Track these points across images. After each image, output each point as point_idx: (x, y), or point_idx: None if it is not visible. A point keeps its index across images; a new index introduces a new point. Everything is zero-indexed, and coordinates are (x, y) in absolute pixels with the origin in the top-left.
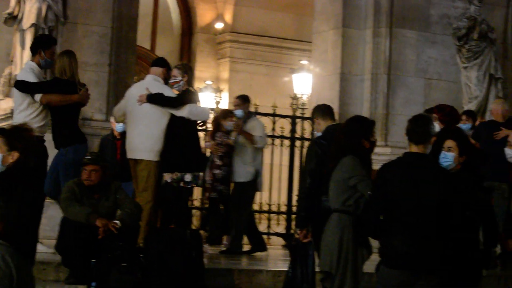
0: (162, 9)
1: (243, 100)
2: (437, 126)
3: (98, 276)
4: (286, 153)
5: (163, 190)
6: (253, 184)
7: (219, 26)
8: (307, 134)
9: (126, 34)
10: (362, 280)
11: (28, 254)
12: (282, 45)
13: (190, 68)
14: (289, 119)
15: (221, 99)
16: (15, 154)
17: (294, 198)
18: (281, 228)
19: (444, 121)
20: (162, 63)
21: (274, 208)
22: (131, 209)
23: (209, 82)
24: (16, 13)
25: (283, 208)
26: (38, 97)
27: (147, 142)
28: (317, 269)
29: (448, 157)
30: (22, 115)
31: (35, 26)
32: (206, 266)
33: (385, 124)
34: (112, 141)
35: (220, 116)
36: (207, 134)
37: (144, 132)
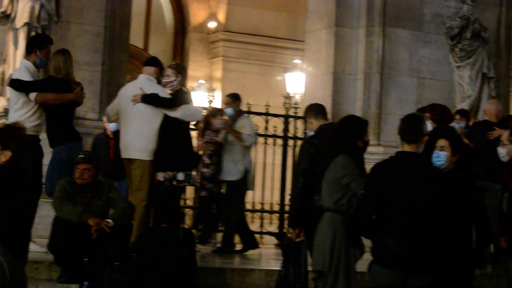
0: (155, 8)
1: (234, 98)
2: (429, 125)
3: (91, 275)
4: (279, 152)
5: (156, 189)
6: (242, 182)
7: (212, 25)
8: (300, 133)
9: (119, 33)
10: (355, 279)
11: (20, 253)
12: (275, 44)
13: (183, 68)
14: (282, 118)
15: (214, 98)
16: (8, 153)
17: (287, 197)
18: (274, 227)
19: (436, 120)
20: (154, 63)
21: (267, 207)
22: (124, 208)
23: (202, 81)
24: (9, 12)
25: (276, 207)
26: (32, 96)
27: (141, 142)
28: (309, 268)
29: (441, 156)
30: (17, 114)
31: (28, 25)
32: (198, 265)
33: (378, 123)
34: (105, 140)
35: (209, 114)
36: (199, 133)
37: (138, 131)
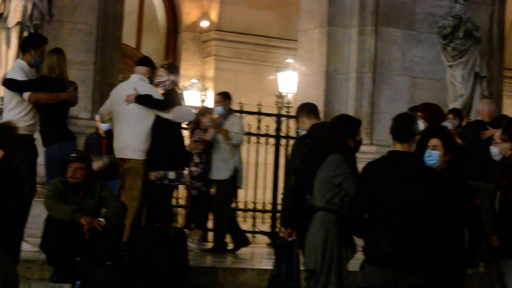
0: (147, 7)
1: (224, 97)
2: (421, 125)
3: (83, 274)
4: (271, 151)
5: (148, 189)
6: (232, 181)
7: (205, 24)
8: (292, 133)
9: (112, 32)
10: (347, 278)
11: (12, 253)
12: (267, 43)
13: (176, 67)
14: (274, 118)
15: (206, 98)
16: (0, 152)
17: (279, 196)
18: (266, 226)
19: (428, 119)
20: (147, 62)
21: (259, 206)
22: (116, 207)
23: (194, 81)
24: (1, 11)
25: (268, 206)
26: (26, 95)
27: (134, 141)
28: (302, 267)
29: (433, 155)
30: (11, 114)
31: (21, 24)
32: (190, 265)
33: (370, 122)
34: (97, 139)
35: (199, 113)
36: (190, 132)
37: (131, 131)
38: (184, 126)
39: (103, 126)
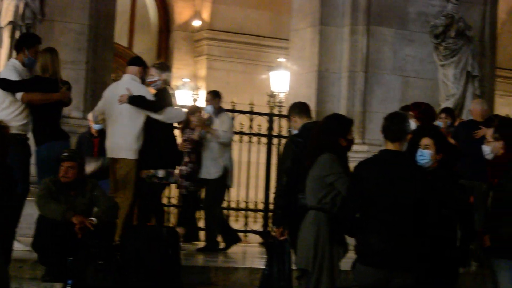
0: (139, 6)
1: (213, 95)
2: (413, 124)
3: (75, 273)
4: (264, 150)
5: (140, 188)
6: (222, 180)
7: (197, 23)
8: (285, 132)
9: (104, 32)
10: (338, 277)
11: (4, 252)
12: (259, 42)
13: (167, 66)
14: (266, 117)
15: (198, 97)
16: None
17: (271, 195)
18: (258, 225)
19: (420, 118)
20: (138, 62)
21: (251, 205)
22: (108, 206)
23: (186, 80)
24: None
25: (260, 205)
26: (19, 95)
27: (126, 141)
28: (293, 266)
29: (425, 154)
30: (4, 113)
31: (13, 24)
32: (182, 264)
33: (362, 121)
34: (89, 138)
35: (189, 112)
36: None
37: (123, 131)
38: (175, 125)
39: (95, 126)
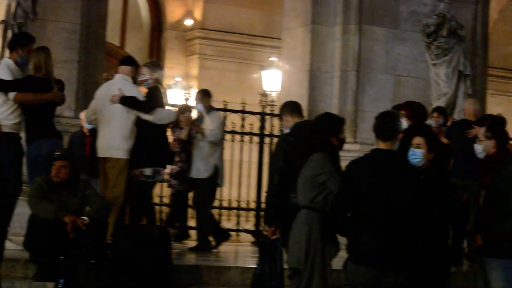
0: (131, 6)
1: (203, 94)
2: (404, 123)
3: (67, 273)
4: (256, 150)
5: (132, 187)
6: (212, 180)
7: (189, 23)
8: (277, 131)
9: (96, 31)
10: (330, 277)
11: None
12: (251, 42)
13: (159, 65)
14: (258, 116)
15: (190, 96)
16: None
17: (263, 195)
18: (250, 225)
19: (411, 117)
20: (130, 62)
21: (243, 205)
22: (100, 205)
23: (178, 79)
24: None
25: (252, 205)
26: (11, 95)
27: (118, 140)
28: (285, 265)
29: (417, 154)
30: None
31: (5, 23)
32: (174, 263)
33: (354, 121)
34: (81, 138)
35: (178, 111)
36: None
37: (114, 130)
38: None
39: (87, 125)
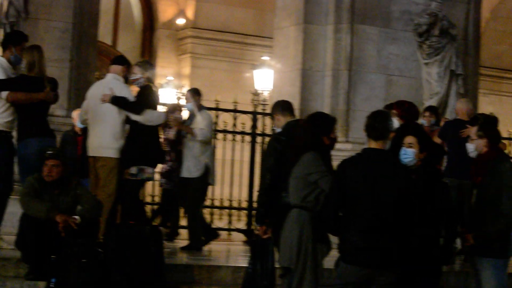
0: (123, 4)
1: (193, 93)
2: (396, 122)
3: (58, 272)
4: (247, 149)
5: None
6: (203, 179)
7: (181, 22)
8: (269, 130)
9: (88, 30)
10: (322, 276)
11: None
12: (243, 41)
13: (150, 64)
14: (250, 115)
15: (182, 95)
16: None
17: (255, 194)
18: (242, 224)
19: (403, 117)
20: (121, 61)
21: (235, 204)
22: (91, 205)
23: (170, 78)
24: None
25: (244, 204)
26: (4, 94)
27: (108, 139)
28: (277, 265)
29: (408, 153)
30: None
31: None
32: (166, 262)
33: (346, 120)
34: (73, 136)
35: (168, 110)
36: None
37: (104, 129)
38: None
39: (79, 124)
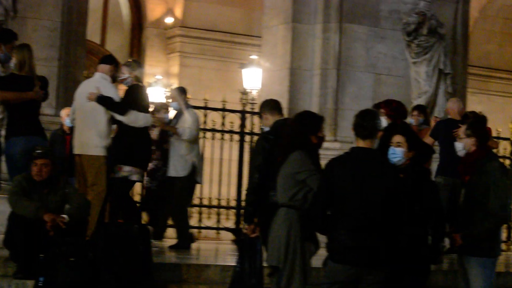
0: (112, 3)
1: (180, 92)
2: (384, 121)
3: (46, 271)
4: (236, 148)
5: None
6: (190, 178)
7: (169, 20)
8: (257, 129)
9: (76, 29)
10: (310, 275)
11: None
12: (232, 40)
13: (138, 63)
14: (239, 114)
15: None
16: None
17: (244, 193)
18: (230, 223)
19: (391, 116)
20: (109, 61)
21: (224, 203)
22: (79, 203)
23: (159, 77)
24: None
25: (233, 203)
26: None
27: (95, 138)
28: (265, 263)
29: (397, 152)
30: None
31: None
32: (154, 261)
33: (334, 119)
34: (62, 136)
35: (154, 110)
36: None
37: (91, 128)
38: None
39: (67, 122)
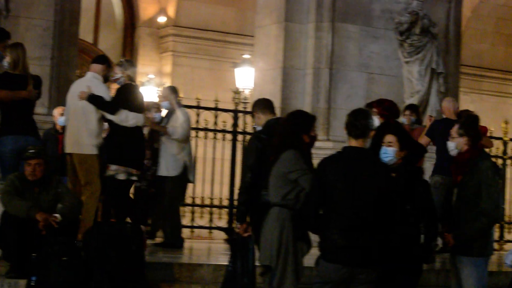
0: (104, 3)
1: (171, 91)
2: (376, 121)
3: (39, 270)
4: (228, 147)
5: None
6: (182, 177)
7: (162, 20)
8: (249, 128)
9: (69, 28)
10: (302, 274)
11: None
12: (224, 39)
13: (130, 63)
14: (231, 113)
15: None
16: None
17: (236, 192)
18: (223, 222)
19: (383, 115)
20: (102, 60)
21: (216, 202)
22: (72, 203)
23: (151, 76)
24: None
25: (225, 202)
26: None
27: (87, 136)
28: (257, 263)
29: (389, 152)
30: None
31: None
32: (146, 260)
33: (327, 118)
34: (54, 135)
35: (145, 109)
36: None
37: (82, 126)
38: None
39: (60, 121)
